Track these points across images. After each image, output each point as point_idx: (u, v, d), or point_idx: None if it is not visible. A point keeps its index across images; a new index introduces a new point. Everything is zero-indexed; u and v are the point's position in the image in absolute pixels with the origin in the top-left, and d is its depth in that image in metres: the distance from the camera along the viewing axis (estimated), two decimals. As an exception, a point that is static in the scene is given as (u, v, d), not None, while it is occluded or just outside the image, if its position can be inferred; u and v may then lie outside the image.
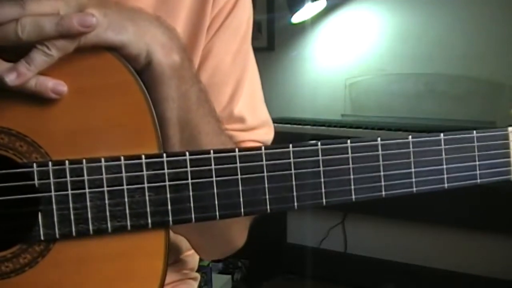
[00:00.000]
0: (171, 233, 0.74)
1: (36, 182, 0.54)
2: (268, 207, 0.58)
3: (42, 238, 0.55)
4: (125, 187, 0.55)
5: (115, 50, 0.55)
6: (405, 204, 2.51)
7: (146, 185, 0.55)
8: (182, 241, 0.81)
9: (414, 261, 2.71)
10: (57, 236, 0.55)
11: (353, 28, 2.76)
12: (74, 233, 0.55)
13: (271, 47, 2.94)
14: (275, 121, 0.84)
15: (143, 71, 0.57)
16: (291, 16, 2.67)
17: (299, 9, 2.61)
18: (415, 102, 2.61)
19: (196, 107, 0.62)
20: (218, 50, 0.75)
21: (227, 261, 2.87)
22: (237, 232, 0.75)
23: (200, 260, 0.90)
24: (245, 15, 0.78)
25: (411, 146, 0.62)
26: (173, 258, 0.82)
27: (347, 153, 0.60)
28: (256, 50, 0.81)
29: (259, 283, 2.86)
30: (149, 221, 0.56)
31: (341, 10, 2.77)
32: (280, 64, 2.94)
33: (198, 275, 0.89)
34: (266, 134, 0.82)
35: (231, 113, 0.76)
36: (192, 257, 0.87)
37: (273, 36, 2.93)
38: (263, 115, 0.82)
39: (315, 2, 2.60)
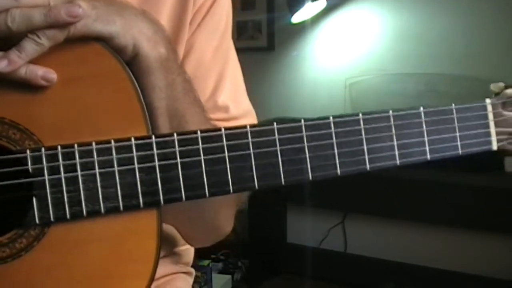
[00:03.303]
0: (167, 226, 0.76)
1: (29, 167, 0.55)
2: (256, 183, 0.60)
3: (37, 222, 0.56)
4: (116, 168, 0.56)
5: (104, 41, 0.57)
6: (405, 204, 2.52)
7: (136, 166, 0.57)
8: (178, 234, 0.82)
9: (414, 261, 2.71)
10: (52, 219, 0.56)
11: (353, 28, 2.77)
12: (68, 216, 0.56)
13: (271, 47, 2.94)
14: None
15: (130, 63, 0.59)
16: (291, 16, 2.68)
17: (299, 9, 2.61)
18: (415, 102, 2.59)
19: (182, 96, 0.64)
20: (200, 44, 0.78)
21: (227, 261, 2.87)
22: (225, 218, 0.77)
23: (200, 260, 0.91)
24: (224, 12, 0.81)
25: (392, 119, 0.64)
26: (168, 249, 0.83)
27: (330, 129, 0.62)
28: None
29: (259, 283, 2.86)
30: (141, 201, 0.57)
31: (341, 10, 2.78)
32: (280, 64, 2.95)
33: (193, 270, 0.91)
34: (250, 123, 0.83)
35: (215, 103, 0.78)
36: (187, 252, 0.88)
37: (273, 36, 2.93)
38: (246, 106, 0.84)
39: (315, 2, 2.61)
